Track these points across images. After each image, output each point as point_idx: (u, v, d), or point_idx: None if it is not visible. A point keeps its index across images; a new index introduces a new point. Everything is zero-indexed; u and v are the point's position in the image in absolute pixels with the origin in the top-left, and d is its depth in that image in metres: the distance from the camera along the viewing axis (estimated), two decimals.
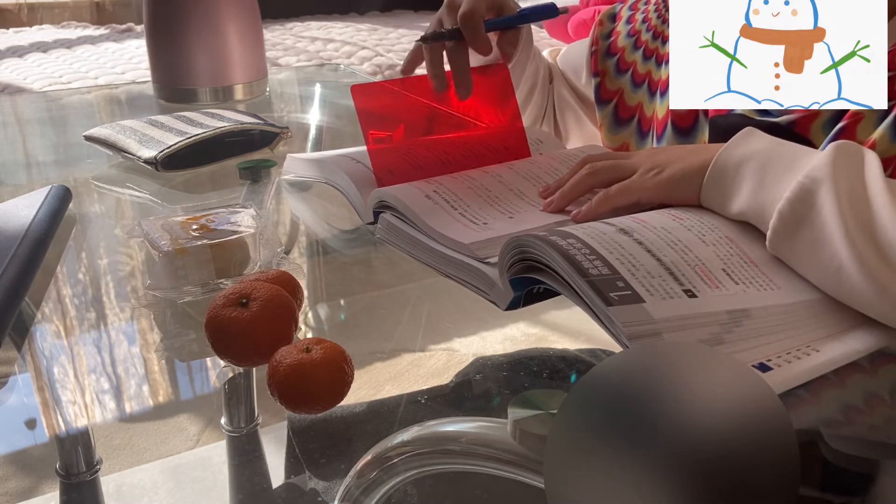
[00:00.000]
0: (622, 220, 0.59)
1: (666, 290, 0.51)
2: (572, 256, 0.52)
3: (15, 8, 3.56)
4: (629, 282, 0.51)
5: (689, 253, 0.55)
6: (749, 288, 0.54)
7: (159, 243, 0.66)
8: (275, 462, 0.52)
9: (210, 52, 1.28)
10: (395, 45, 2.97)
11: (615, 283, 0.50)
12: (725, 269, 0.55)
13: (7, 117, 1.43)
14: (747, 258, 0.57)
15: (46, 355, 0.64)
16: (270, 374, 0.51)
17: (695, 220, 0.60)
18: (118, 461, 0.52)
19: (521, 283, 0.57)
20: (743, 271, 0.55)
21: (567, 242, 0.53)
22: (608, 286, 0.50)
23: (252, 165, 0.97)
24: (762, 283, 0.55)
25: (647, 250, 0.54)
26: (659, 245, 0.55)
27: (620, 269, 0.52)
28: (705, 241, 0.57)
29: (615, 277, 0.51)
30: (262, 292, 0.55)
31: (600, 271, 0.51)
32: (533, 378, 0.60)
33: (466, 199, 0.72)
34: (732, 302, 0.52)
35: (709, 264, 0.55)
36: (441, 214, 0.69)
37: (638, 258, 0.53)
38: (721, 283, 0.53)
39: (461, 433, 0.50)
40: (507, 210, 0.71)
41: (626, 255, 0.53)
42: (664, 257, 0.54)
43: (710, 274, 0.54)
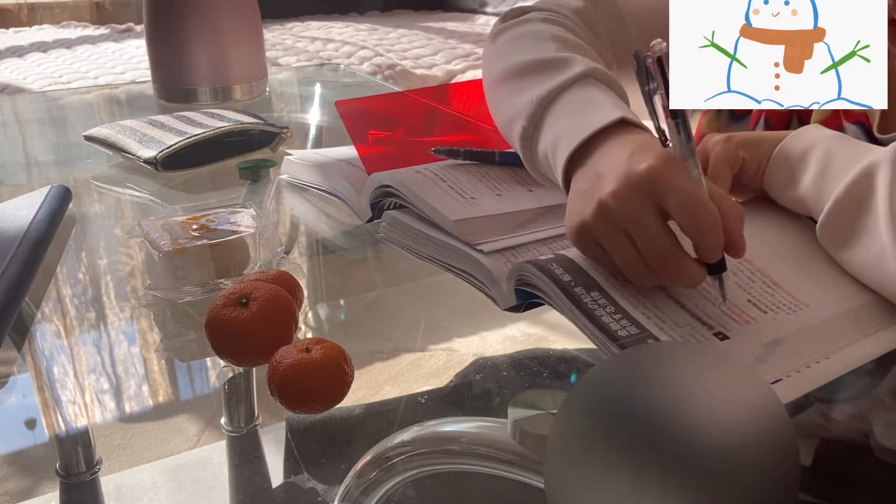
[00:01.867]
0: None
1: (696, 338, 0.50)
2: (598, 318, 0.50)
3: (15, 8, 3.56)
4: (659, 338, 0.50)
5: (710, 293, 0.54)
6: (778, 314, 0.53)
7: (159, 243, 0.66)
8: (274, 462, 0.52)
9: (210, 52, 1.28)
10: (395, 45, 2.97)
11: (645, 341, 0.49)
12: (751, 299, 0.54)
13: (7, 117, 1.43)
14: (770, 281, 0.55)
15: (46, 355, 0.64)
16: (270, 374, 0.51)
17: None
18: (118, 461, 0.52)
19: (525, 292, 0.57)
20: (769, 297, 0.54)
21: (591, 298, 0.52)
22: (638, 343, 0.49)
23: (252, 165, 0.97)
24: (790, 305, 0.54)
25: (670, 297, 0.53)
26: (681, 290, 0.53)
27: (648, 325, 0.50)
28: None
29: (645, 335, 0.50)
30: (262, 292, 0.55)
31: (629, 332, 0.50)
32: (533, 378, 0.60)
33: (455, 173, 0.72)
34: (765, 334, 0.51)
35: (734, 299, 0.53)
36: (430, 186, 0.69)
37: (662, 309, 0.52)
38: (750, 317, 0.52)
39: (461, 433, 0.50)
40: (496, 187, 0.71)
41: (650, 308, 0.52)
42: (688, 302, 0.53)
43: (736, 310, 0.52)
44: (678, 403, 0.36)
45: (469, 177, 0.72)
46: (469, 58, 2.83)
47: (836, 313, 0.54)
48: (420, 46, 2.96)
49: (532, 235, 0.64)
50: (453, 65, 2.75)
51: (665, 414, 0.35)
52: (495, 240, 0.62)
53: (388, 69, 2.65)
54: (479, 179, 0.72)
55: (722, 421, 0.36)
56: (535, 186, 0.71)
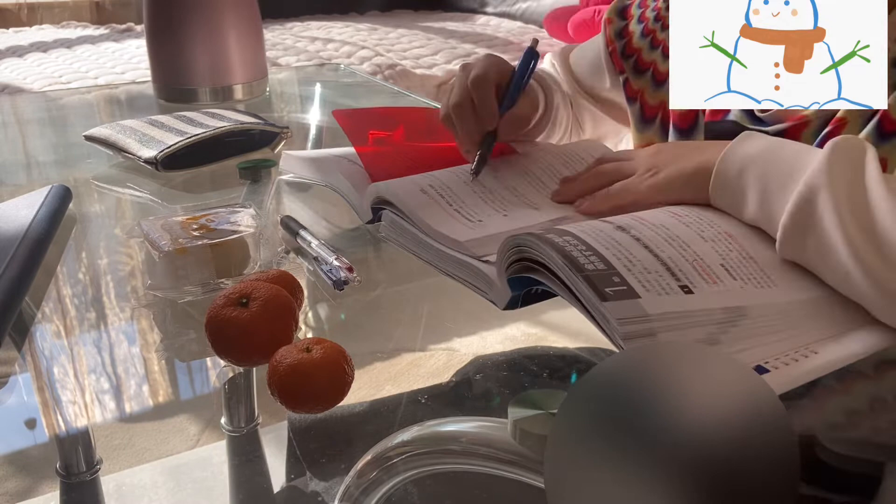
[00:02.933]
0: (621, 218, 0.59)
1: (662, 285, 0.51)
2: (568, 252, 0.52)
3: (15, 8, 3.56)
4: (625, 277, 0.51)
5: (686, 249, 0.55)
6: (747, 285, 0.54)
7: (159, 243, 0.66)
8: (275, 462, 0.52)
9: (210, 52, 1.28)
10: (394, 45, 2.97)
11: (611, 278, 0.50)
12: (724, 264, 0.55)
13: (7, 117, 1.43)
14: (746, 254, 0.56)
15: (46, 355, 0.64)
16: (270, 374, 0.51)
17: (694, 217, 0.60)
18: (118, 461, 0.52)
19: (519, 283, 0.57)
20: (741, 267, 0.55)
21: (563, 240, 0.53)
22: (603, 281, 0.50)
23: (252, 165, 0.97)
24: (760, 279, 0.55)
25: (645, 246, 0.54)
26: (656, 241, 0.55)
27: (616, 264, 0.52)
28: (704, 237, 0.57)
29: (611, 273, 0.51)
30: (262, 292, 0.56)
31: (596, 266, 0.51)
32: (533, 378, 0.60)
33: (461, 194, 0.72)
34: (729, 299, 0.52)
35: (707, 259, 0.54)
36: (436, 210, 0.69)
37: (634, 254, 0.53)
38: (719, 279, 0.53)
39: (461, 433, 0.50)
40: (502, 208, 0.71)
41: (622, 251, 0.53)
42: (661, 253, 0.54)
43: (707, 269, 0.54)
44: (678, 404, 0.36)
45: (475, 198, 0.72)
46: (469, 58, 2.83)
47: (802, 298, 0.54)
48: (420, 46, 2.96)
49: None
50: (453, 65, 2.75)
51: (665, 414, 0.35)
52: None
53: (388, 69, 2.65)
54: (485, 202, 0.71)
55: (722, 421, 0.36)
56: (541, 204, 0.72)
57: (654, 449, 0.35)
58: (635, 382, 0.37)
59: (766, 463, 0.36)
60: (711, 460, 0.35)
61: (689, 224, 0.58)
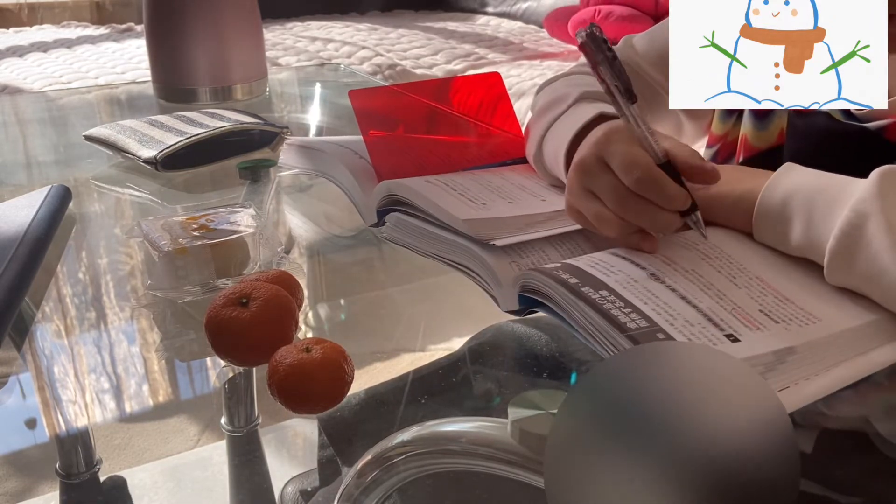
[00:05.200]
0: (652, 263, 0.57)
1: (707, 336, 0.50)
2: (607, 311, 0.50)
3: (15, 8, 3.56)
4: (669, 332, 0.49)
5: (723, 298, 0.54)
6: (790, 325, 0.53)
7: (159, 243, 0.66)
8: (275, 462, 0.52)
9: (210, 52, 1.28)
10: (395, 45, 2.97)
11: (655, 335, 0.49)
12: (762, 309, 0.54)
13: (7, 117, 1.43)
14: (781, 297, 0.55)
15: (46, 355, 0.64)
16: (270, 374, 0.51)
17: (724, 260, 0.58)
18: (118, 461, 0.52)
19: (529, 299, 0.57)
20: (780, 310, 0.54)
21: (600, 295, 0.52)
22: (649, 339, 0.49)
23: (252, 165, 0.97)
24: (802, 318, 0.54)
25: (682, 297, 0.53)
26: (693, 291, 0.54)
27: (658, 319, 0.50)
28: (737, 284, 0.56)
29: (654, 329, 0.50)
30: (262, 292, 0.55)
31: (638, 324, 0.50)
32: (533, 378, 0.59)
33: (466, 183, 0.72)
34: (777, 341, 0.51)
35: (745, 307, 0.53)
36: (440, 192, 0.69)
37: (674, 307, 0.52)
38: (761, 325, 0.52)
39: (461, 433, 0.50)
40: (507, 196, 0.71)
41: (661, 305, 0.52)
42: (700, 304, 0.53)
43: (748, 317, 0.52)
44: (678, 404, 0.36)
45: (479, 187, 0.71)
46: (469, 58, 2.83)
47: (848, 327, 0.53)
48: (420, 46, 2.96)
49: (543, 234, 0.64)
50: (453, 65, 2.75)
51: (665, 414, 0.35)
52: (507, 236, 0.62)
53: (388, 69, 2.65)
54: (490, 190, 0.71)
55: (722, 423, 0.36)
56: (547, 196, 0.72)
57: (653, 449, 0.35)
58: (635, 382, 0.37)
59: (767, 463, 0.36)
60: (711, 460, 0.35)
61: (721, 269, 0.57)
